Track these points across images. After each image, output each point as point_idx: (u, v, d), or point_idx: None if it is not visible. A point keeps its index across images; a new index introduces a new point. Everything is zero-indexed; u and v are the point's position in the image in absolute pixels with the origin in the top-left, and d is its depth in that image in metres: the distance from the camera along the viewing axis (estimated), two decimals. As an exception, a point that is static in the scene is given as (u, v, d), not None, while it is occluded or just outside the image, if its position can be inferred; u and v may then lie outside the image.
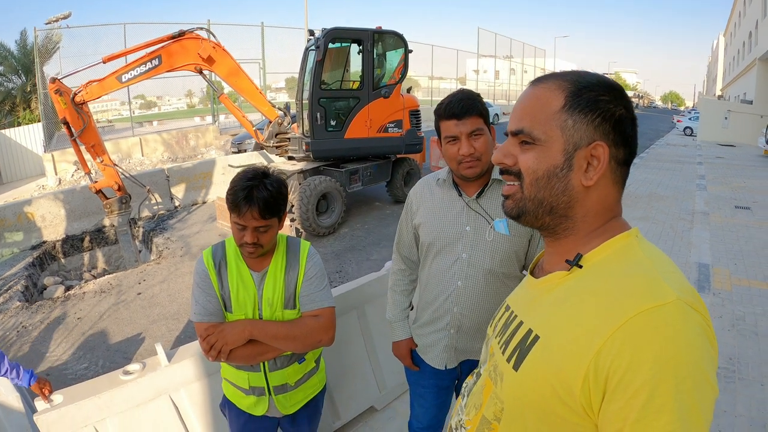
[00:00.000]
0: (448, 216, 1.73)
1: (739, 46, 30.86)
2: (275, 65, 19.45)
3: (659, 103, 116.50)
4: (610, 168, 0.80)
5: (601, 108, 0.78)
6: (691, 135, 25.77)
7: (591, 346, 0.68)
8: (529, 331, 0.80)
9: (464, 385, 1.02)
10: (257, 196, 1.57)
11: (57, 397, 1.96)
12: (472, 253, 1.69)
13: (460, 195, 1.72)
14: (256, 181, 1.60)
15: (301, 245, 1.81)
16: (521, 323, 0.84)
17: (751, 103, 22.79)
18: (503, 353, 0.84)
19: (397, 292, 2.01)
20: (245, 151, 12.65)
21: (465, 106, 1.59)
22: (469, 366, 1.85)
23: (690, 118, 27.86)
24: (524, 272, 1.79)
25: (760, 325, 4.01)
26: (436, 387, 1.91)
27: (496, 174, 1.69)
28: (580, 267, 0.79)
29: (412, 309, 2.03)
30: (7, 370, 2.02)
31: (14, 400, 2.11)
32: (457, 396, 2.03)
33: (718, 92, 47.08)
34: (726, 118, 21.42)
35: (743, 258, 5.72)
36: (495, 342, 0.90)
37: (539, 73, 47.18)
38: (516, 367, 0.79)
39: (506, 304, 0.96)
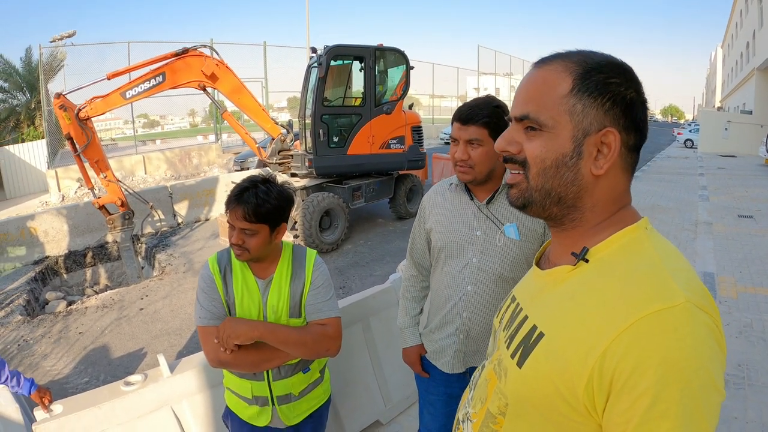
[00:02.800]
0: (460, 220, 1.73)
1: (737, 57, 31.08)
2: (278, 84, 19.67)
3: (659, 117, 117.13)
4: (620, 155, 0.76)
5: (612, 91, 0.74)
6: (691, 147, 25.83)
7: (596, 347, 0.66)
8: (534, 328, 0.78)
9: (472, 377, 1.01)
10: (246, 198, 1.60)
11: (57, 407, 1.94)
12: (482, 257, 1.68)
13: (472, 199, 1.72)
14: (251, 185, 1.63)
15: (308, 254, 1.82)
16: (526, 317, 0.82)
17: (750, 113, 22.89)
18: (508, 348, 0.83)
19: (408, 298, 2.00)
20: (248, 169, 12.69)
21: (471, 113, 1.60)
22: None
23: (690, 131, 27.94)
24: None
25: (767, 331, 3.97)
26: (446, 395, 1.88)
27: (506, 179, 1.69)
28: (587, 261, 0.76)
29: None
30: (7, 378, 2.01)
31: (13, 411, 2.08)
32: None
33: (718, 104, 47.29)
34: (726, 129, 21.48)
35: (748, 266, 5.69)
36: (502, 335, 0.88)
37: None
38: (520, 364, 0.78)
39: (512, 295, 0.94)
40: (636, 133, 0.77)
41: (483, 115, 1.59)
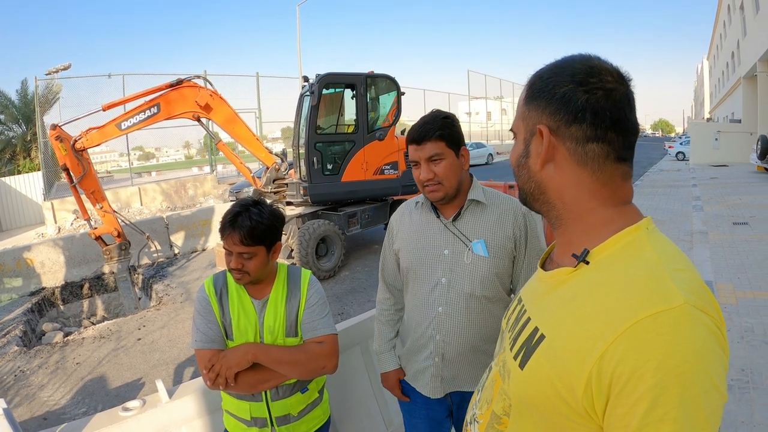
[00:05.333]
0: (426, 239, 1.69)
1: (723, 68, 31.64)
2: (271, 115, 19.76)
3: (650, 132, 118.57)
4: (567, 149, 0.78)
5: (547, 91, 0.79)
6: (683, 159, 26.07)
7: (594, 350, 0.66)
8: (536, 330, 0.78)
9: (480, 380, 1.00)
10: (240, 223, 1.61)
11: None
12: (452, 277, 1.63)
13: (438, 217, 1.69)
14: (243, 209, 1.64)
15: (302, 274, 1.83)
16: (529, 319, 0.83)
17: (739, 122, 23.14)
18: (511, 349, 0.83)
19: (383, 322, 1.93)
20: (244, 200, 12.67)
21: (424, 131, 1.57)
22: (460, 397, 1.75)
23: (681, 143, 28.23)
24: (512, 296, 1.72)
25: (769, 335, 3.97)
26: (428, 418, 1.81)
27: (472, 195, 1.66)
28: (587, 263, 0.76)
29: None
30: None
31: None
32: (456, 430, 1.91)
33: (707, 115, 48.02)
34: (716, 139, 21.70)
35: (746, 271, 5.70)
36: (507, 336, 0.89)
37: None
38: (522, 366, 0.78)
39: (519, 296, 0.95)
40: (582, 124, 0.75)
41: (435, 129, 1.57)
